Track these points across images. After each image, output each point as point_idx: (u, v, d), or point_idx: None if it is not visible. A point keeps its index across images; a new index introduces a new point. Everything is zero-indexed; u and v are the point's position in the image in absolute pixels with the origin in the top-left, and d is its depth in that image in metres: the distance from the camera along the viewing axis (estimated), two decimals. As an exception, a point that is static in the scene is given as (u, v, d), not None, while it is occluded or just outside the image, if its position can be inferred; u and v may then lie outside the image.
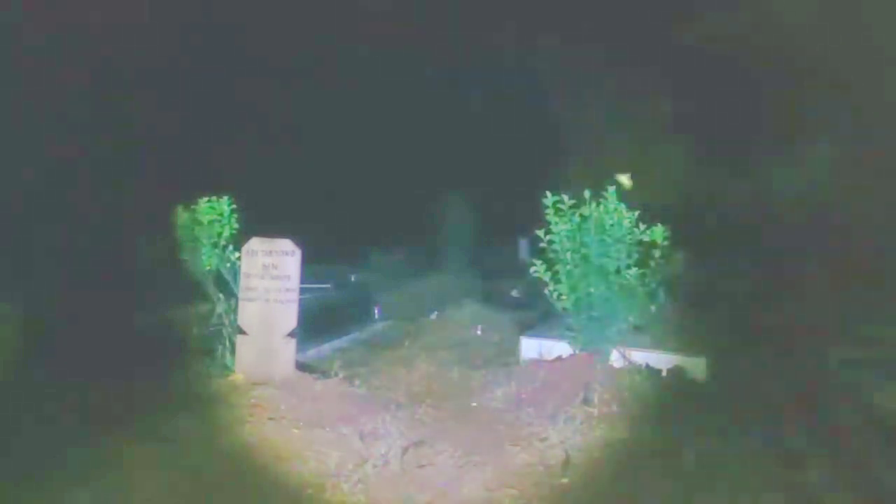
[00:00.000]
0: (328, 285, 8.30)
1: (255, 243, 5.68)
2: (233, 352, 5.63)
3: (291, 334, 5.63)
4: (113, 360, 5.63)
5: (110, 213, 6.09)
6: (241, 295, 5.63)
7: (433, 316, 9.41)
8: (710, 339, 6.34)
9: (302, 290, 5.85)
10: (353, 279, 9.36)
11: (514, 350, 7.19)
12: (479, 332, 8.48)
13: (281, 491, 4.29)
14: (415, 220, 11.84)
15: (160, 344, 5.97)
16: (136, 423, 4.79)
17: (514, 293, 9.08)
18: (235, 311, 5.72)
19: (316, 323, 7.59)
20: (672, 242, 6.42)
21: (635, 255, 6.21)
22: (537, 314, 7.86)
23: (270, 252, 5.59)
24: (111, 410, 5.00)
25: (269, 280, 5.57)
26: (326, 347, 7.62)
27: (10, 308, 5.67)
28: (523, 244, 17.55)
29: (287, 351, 5.59)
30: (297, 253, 5.63)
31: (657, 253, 6.19)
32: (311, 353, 7.26)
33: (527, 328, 7.73)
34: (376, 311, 8.98)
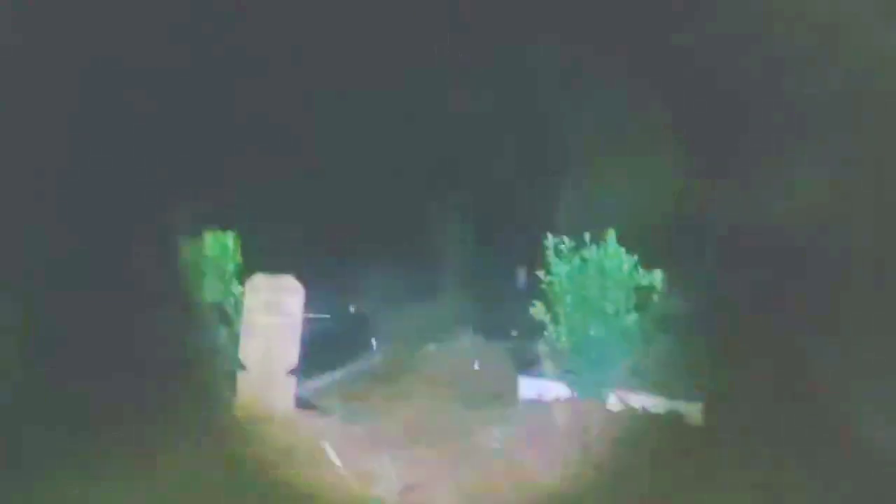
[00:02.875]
0: (328, 316, 8.33)
1: (258, 280, 5.74)
2: (234, 387, 5.66)
3: (293, 371, 5.66)
4: (114, 391, 5.64)
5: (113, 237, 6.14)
6: (243, 331, 5.67)
7: (431, 347, 9.44)
8: (708, 382, 6.37)
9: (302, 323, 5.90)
10: (351, 310, 9.40)
11: (511, 386, 7.22)
12: (476, 367, 8.52)
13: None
14: (413, 238, 11.87)
15: (162, 375, 5.98)
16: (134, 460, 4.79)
17: (514, 333, 9.14)
18: (237, 345, 5.75)
19: (316, 355, 7.62)
20: (669, 281, 6.52)
21: (634, 299, 6.29)
22: (534, 346, 7.87)
23: (274, 289, 5.65)
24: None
25: (271, 316, 5.61)
26: (325, 379, 7.64)
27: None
28: (521, 272, 17.60)
29: (288, 387, 5.63)
30: (301, 290, 5.68)
31: (655, 297, 6.27)
32: (312, 385, 7.27)
33: (524, 364, 7.77)
34: (374, 343, 9.01)
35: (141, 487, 4.41)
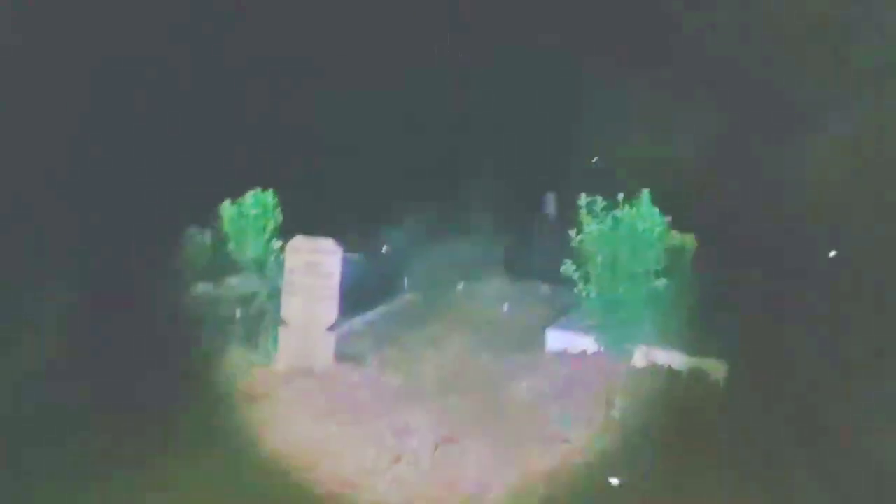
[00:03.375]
0: (359, 255, 8.54)
1: (298, 241, 5.92)
2: (275, 341, 5.96)
3: (332, 328, 5.92)
4: (161, 344, 5.97)
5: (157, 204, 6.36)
6: (284, 289, 5.91)
7: (460, 287, 9.65)
8: (734, 342, 6.52)
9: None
10: (384, 250, 9.59)
11: (538, 335, 7.42)
12: (505, 310, 8.73)
13: (320, 490, 4.66)
14: (442, 173, 11.91)
15: (206, 326, 6.31)
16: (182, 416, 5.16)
17: (542, 281, 9.24)
18: (278, 300, 6.00)
19: (348, 296, 7.87)
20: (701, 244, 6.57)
21: (665, 260, 6.38)
22: (562, 297, 8.02)
23: (313, 251, 5.83)
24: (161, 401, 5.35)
25: (311, 277, 5.83)
26: (358, 322, 7.91)
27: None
28: (549, 199, 17.52)
29: (327, 344, 5.90)
30: (339, 252, 5.86)
31: (687, 258, 6.34)
32: (344, 328, 7.55)
33: (552, 314, 7.97)
34: (405, 283, 9.25)
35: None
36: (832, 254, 6.97)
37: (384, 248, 9.46)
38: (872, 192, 6.93)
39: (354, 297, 7.97)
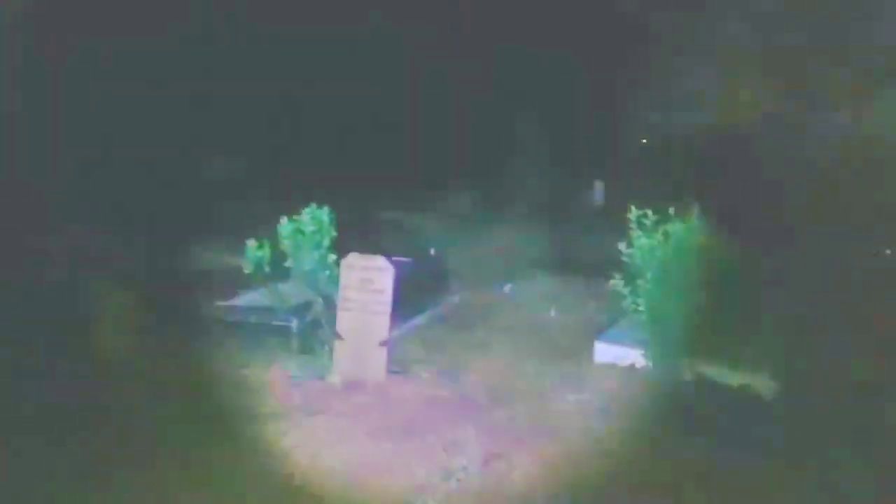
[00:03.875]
0: (409, 260, 8.72)
1: (353, 258, 6.11)
2: (331, 354, 6.18)
3: (384, 343, 6.11)
4: (219, 355, 6.27)
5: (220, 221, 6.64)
6: (339, 305, 6.12)
7: (507, 289, 9.76)
8: (784, 359, 6.50)
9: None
10: (432, 252, 9.75)
11: (586, 344, 7.48)
12: (552, 314, 8.81)
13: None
14: (493, 177, 12.01)
15: (267, 335, 6.58)
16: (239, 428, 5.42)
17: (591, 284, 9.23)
18: (333, 314, 6.22)
19: (400, 300, 8.05)
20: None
21: (715, 276, 6.36)
22: (610, 307, 8.03)
23: (367, 268, 6.02)
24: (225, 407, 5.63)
25: (365, 293, 6.02)
26: (408, 327, 8.09)
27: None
28: (599, 187, 17.36)
29: (380, 358, 6.09)
30: (391, 269, 6.03)
31: (735, 275, 6.31)
32: (395, 333, 7.73)
33: (600, 325, 8.01)
34: (453, 285, 9.41)
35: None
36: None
37: (432, 251, 9.61)
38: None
39: (404, 301, 8.16)
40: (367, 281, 6.05)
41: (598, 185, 16.99)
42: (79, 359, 6.09)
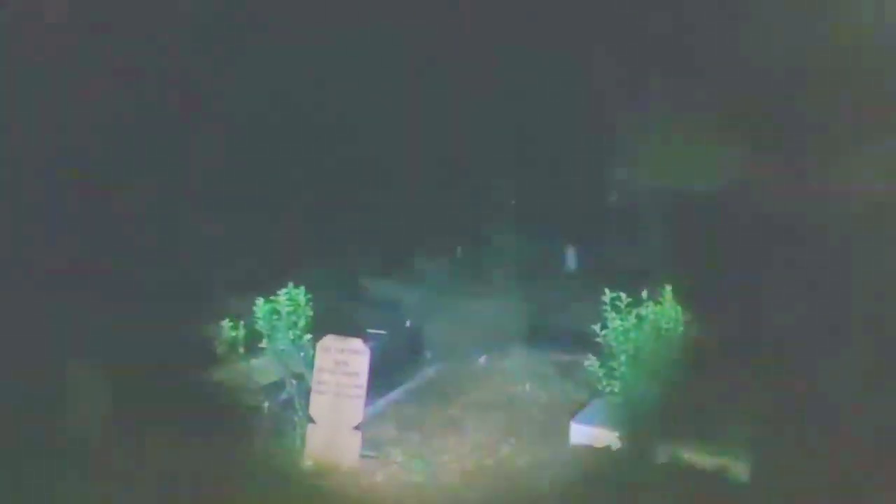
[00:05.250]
0: (384, 332, 8.67)
1: (328, 341, 6.08)
2: (303, 437, 6.07)
3: (358, 427, 6.02)
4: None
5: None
6: (313, 387, 6.04)
7: (482, 360, 9.73)
8: (756, 440, 6.52)
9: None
10: (407, 324, 9.72)
11: (562, 419, 7.43)
12: (527, 389, 8.78)
13: None
14: (466, 249, 12.09)
15: (238, 414, 6.45)
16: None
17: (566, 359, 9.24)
18: (305, 397, 6.13)
19: (373, 374, 7.96)
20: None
21: (689, 357, 6.42)
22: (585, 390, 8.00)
23: (342, 350, 5.98)
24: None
25: (339, 376, 5.96)
26: (382, 403, 7.99)
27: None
28: (570, 253, 17.50)
29: (353, 442, 6.00)
30: (367, 352, 6.00)
31: (709, 356, 6.38)
32: (370, 410, 7.63)
33: (577, 388, 8.00)
34: (428, 357, 9.36)
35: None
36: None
37: (408, 323, 9.58)
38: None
39: (380, 375, 8.08)
40: (343, 363, 6.01)
41: (571, 252, 17.16)
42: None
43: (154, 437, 6.09)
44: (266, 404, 6.46)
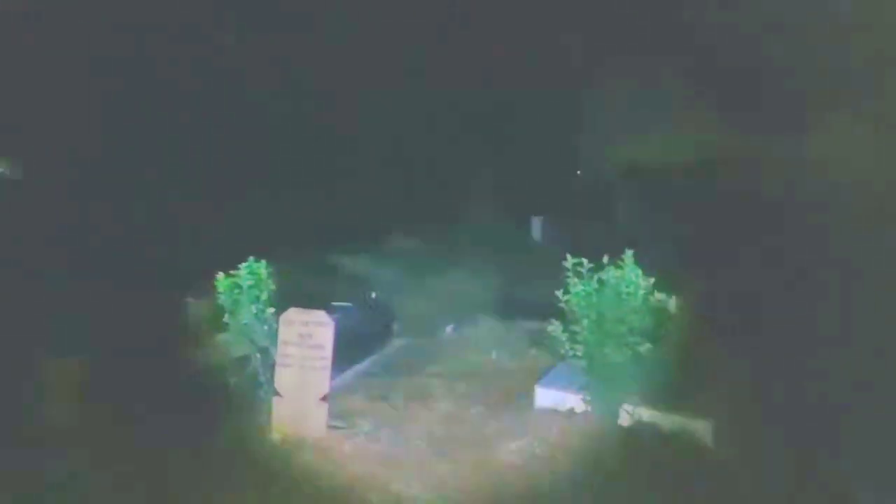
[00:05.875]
0: (350, 304, 8.67)
1: (292, 314, 6.04)
2: (270, 410, 6.06)
3: (324, 398, 6.03)
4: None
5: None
6: (278, 361, 6.02)
7: (449, 330, 9.80)
8: (720, 401, 6.68)
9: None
10: (373, 296, 9.72)
11: (528, 385, 7.53)
12: (494, 358, 8.88)
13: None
14: (434, 220, 12.10)
15: (205, 389, 6.42)
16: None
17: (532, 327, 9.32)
18: (271, 371, 6.12)
19: (340, 346, 7.97)
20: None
21: (649, 322, 6.53)
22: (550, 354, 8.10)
23: (306, 322, 5.95)
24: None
25: (304, 348, 5.94)
26: (350, 374, 8.02)
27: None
28: (536, 223, 17.60)
29: (320, 414, 6.01)
30: (331, 324, 5.98)
31: (670, 322, 6.50)
32: (337, 381, 7.65)
33: (543, 355, 8.12)
34: (395, 329, 9.39)
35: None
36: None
37: (373, 295, 9.59)
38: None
39: (346, 348, 8.08)
40: (307, 336, 5.98)
41: (536, 222, 17.25)
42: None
43: (119, 416, 6.06)
44: (232, 379, 6.43)
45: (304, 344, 5.96)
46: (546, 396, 7.05)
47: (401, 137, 11.61)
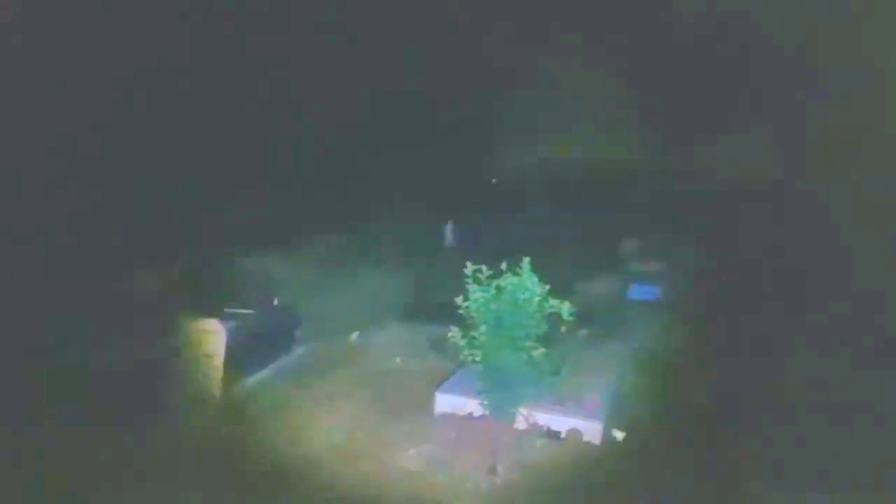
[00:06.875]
0: (252, 311, 8.48)
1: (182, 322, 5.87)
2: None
3: (216, 406, 5.90)
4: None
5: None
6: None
7: (354, 337, 9.72)
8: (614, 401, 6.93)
9: (229, 318, 6.19)
10: (275, 302, 9.52)
11: (429, 391, 7.58)
12: (398, 363, 8.88)
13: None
14: (340, 227, 11.98)
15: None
16: None
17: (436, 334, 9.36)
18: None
19: (244, 353, 7.80)
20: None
21: (544, 328, 6.69)
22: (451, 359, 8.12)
23: (196, 331, 5.80)
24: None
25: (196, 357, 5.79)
26: (253, 382, 7.86)
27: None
28: (448, 229, 17.66)
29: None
30: (223, 332, 5.85)
31: (564, 326, 6.68)
32: (239, 388, 7.48)
33: (441, 376, 8.15)
34: (299, 334, 9.24)
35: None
36: None
37: (275, 301, 9.41)
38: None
39: (248, 355, 7.91)
40: (196, 344, 5.83)
41: (448, 228, 17.32)
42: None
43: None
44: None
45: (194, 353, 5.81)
46: (446, 402, 7.13)
47: (309, 139, 11.41)
